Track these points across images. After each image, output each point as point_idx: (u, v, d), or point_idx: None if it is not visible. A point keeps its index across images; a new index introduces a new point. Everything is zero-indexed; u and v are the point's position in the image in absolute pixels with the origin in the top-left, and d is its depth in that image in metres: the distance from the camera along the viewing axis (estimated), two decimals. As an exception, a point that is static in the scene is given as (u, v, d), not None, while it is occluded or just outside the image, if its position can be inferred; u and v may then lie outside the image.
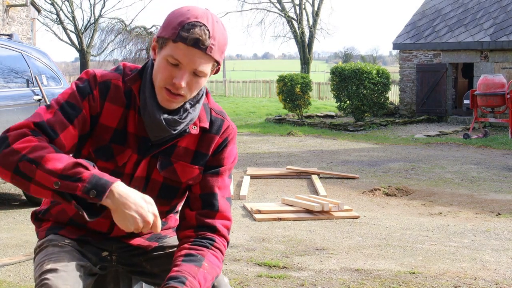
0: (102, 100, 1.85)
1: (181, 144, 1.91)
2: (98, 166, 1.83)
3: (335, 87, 17.70)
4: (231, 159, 1.98)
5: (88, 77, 1.87)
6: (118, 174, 1.88)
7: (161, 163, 1.90)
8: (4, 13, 15.57)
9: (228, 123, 1.97)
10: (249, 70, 79.52)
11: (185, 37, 1.73)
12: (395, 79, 21.81)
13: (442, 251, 4.79)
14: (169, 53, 1.76)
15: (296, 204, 6.27)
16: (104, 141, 1.86)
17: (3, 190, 7.18)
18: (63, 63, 68.62)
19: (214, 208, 1.93)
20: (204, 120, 1.93)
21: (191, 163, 1.92)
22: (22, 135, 1.71)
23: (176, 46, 1.75)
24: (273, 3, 32.00)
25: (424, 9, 19.98)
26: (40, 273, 1.79)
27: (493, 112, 14.17)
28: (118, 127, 1.87)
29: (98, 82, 1.85)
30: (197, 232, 1.90)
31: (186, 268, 1.78)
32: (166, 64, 1.77)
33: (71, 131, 1.80)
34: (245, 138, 14.18)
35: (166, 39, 1.77)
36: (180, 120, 1.85)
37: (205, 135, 1.93)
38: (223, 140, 1.95)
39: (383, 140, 14.01)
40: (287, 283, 3.94)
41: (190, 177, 1.93)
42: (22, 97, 6.07)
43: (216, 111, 1.98)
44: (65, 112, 1.80)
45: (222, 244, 1.93)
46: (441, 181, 8.39)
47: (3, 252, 4.61)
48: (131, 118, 1.87)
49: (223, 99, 29.32)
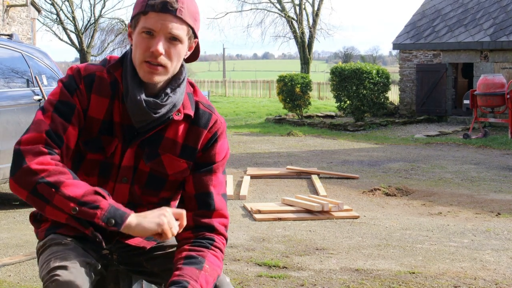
0: (88, 93, 1.87)
1: (168, 136, 1.91)
2: (88, 158, 1.89)
3: (335, 87, 17.69)
4: (222, 154, 1.96)
5: (72, 72, 1.90)
6: (107, 164, 1.91)
7: (148, 154, 1.91)
8: (4, 13, 15.58)
9: (216, 117, 1.96)
10: (249, 70, 79.53)
11: (152, 4, 1.79)
12: (395, 79, 21.81)
13: (442, 251, 4.79)
14: (142, 26, 1.81)
15: (296, 204, 6.27)
16: (93, 133, 1.89)
17: (3, 190, 7.18)
18: (63, 63, 68.54)
19: (210, 208, 1.92)
20: (188, 107, 1.93)
21: (179, 156, 1.92)
22: (38, 153, 1.76)
23: (147, 16, 1.80)
24: (273, 3, 31.98)
25: (424, 9, 19.98)
26: (49, 270, 1.79)
27: (493, 112, 14.16)
28: (105, 118, 1.89)
29: (83, 76, 1.88)
30: (195, 233, 1.90)
31: (188, 272, 1.79)
32: (141, 38, 1.81)
33: (72, 131, 1.84)
34: (245, 138, 14.19)
35: (137, 15, 1.82)
36: (161, 103, 1.85)
37: (193, 128, 1.93)
38: (212, 135, 1.94)
39: (383, 140, 14.02)
40: (287, 283, 3.94)
41: (177, 171, 1.93)
42: (22, 97, 6.07)
43: (204, 104, 1.97)
44: (61, 113, 1.83)
45: (221, 242, 1.92)
46: (441, 181, 8.40)
47: (3, 252, 4.62)
48: (116, 107, 1.89)
49: (223, 99, 29.32)
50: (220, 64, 77.73)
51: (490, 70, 16.80)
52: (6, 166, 5.62)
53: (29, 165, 1.74)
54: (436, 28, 18.70)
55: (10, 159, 1.69)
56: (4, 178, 5.74)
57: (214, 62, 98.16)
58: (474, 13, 18.42)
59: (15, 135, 5.55)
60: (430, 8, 19.89)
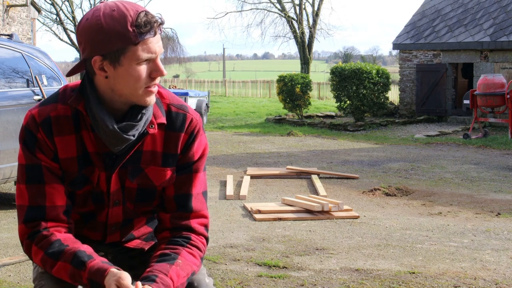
0: (50, 138, 1.80)
1: (147, 149, 1.86)
2: (78, 193, 1.86)
3: (335, 87, 17.69)
4: (200, 151, 1.91)
5: (27, 124, 1.81)
6: (97, 193, 1.88)
7: (131, 171, 1.87)
8: (4, 13, 15.57)
9: (191, 116, 1.90)
10: (249, 70, 79.56)
11: (146, 32, 1.70)
12: (395, 79, 21.81)
13: (442, 251, 4.79)
14: (140, 55, 1.71)
15: (296, 204, 6.27)
16: (74, 173, 1.83)
17: (3, 190, 7.18)
18: (63, 63, 68.62)
19: (187, 210, 1.89)
20: (159, 116, 1.86)
21: (161, 166, 1.88)
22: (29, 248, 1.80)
23: (143, 43, 1.70)
24: (273, 3, 31.99)
25: (424, 9, 19.98)
26: (37, 275, 1.86)
27: (493, 112, 14.17)
28: (78, 154, 1.83)
29: (39, 123, 1.79)
30: (173, 233, 1.88)
31: (157, 267, 1.77)
32: (140, 68, 1.72)
33: (50, 189, 1.80)
34: (245, 138, 14.19)
35: (123, 48, 1.69)
36: (135, 123, 1.78)
37: (170, 135, 1.87)
38: (189, 135, 1.89)
39: (383, 140, 14.02)
40: (287, 283, 3.94)
41: (164, 180, 1.89)
42: (23, 97, 6.07)
43: (176, 105, 1.90)
44: (32, 179, 1.79)
45: (200, 241, 1.89)
46: (441, 181, 8.40)
47: (4, 252, 4.62)
48: (87, 138, 1.82)
49: (223, 99, 29.32)
50: (220, 64, 77.79)
51: (490, 70, 16.81)
52: (6, 166, 5.62)
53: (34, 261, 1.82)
54: (436, 28, 18.70)
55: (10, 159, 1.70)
56: (4, 178, 5.74)
57: (214, 62, 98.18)
58: (474, 13, 18.42)
59: (15, 135, 5.54)
60: (430, 8, 19.89)
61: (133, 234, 2.02)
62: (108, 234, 1.97)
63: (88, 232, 1.97)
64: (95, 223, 1.94)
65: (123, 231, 1.99)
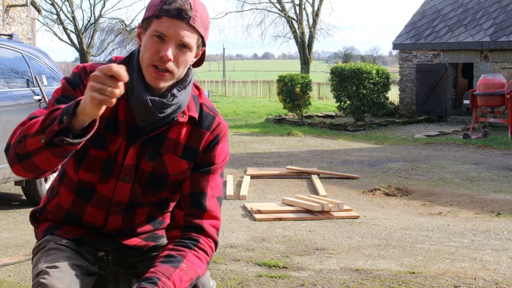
0: None
1: (171, 136, 1.91)
2: (91, 154, 1.89)
3: (335, 87, 17.69)
4: (222, 156, 1.97)
5: (77, 70, 1.91)
6: (110, 162, 1.90)
7: (150, 153, 1.91)
8: (4, 13, 15.58)
9: (219, 120, 1.97)
10: (249, 70, 79.51)
11: (167, 10, 1.78)
12: (395, 79, 21.80)
13: (442, 251, 4.79)
14: (154, 29, 1.79)
15: (296, 204, 6.27)
16: (97, 131, 1.85)
17: (3, 190, 7.18)
18: (63, 63, 68.56)
19: (201, 208, 1.91)
20: (193, 110, 1.93)
21: (180, 156, 1.92)
22: (15, 133, 1.78)
23: (160, 21, 1.79)
24: (273, 3, 31.98)
25: (424, 9, 19.98)
26: (37, 273, 1.83)
27: (493, 112, 14.16)
28: (110, 116, 1.89)
29: (88, 72, 1.88)
30: (183, 232, 1.89)
31: (161, 269, 1.78)
32: (152, 41, 1.80)
33: None
34: (245, 138, 14.19)
35: (150, 18, 1.81)
36: (167, 102, 1.85)
37: (196, 130, 1.93)
38: (214, 137, 1.95)
39: (383, 140, 14.02)
40: (287, 283, 3.94)
41: (178, 171, 1.93)
42: (23, 97, 6.07)
43: (208, 107, 1.98)
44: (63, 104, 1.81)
45: (208, 244, 1.90)
46: (441, 181, 8.40)
47: (4, 252, 4.62)
48: (121, 106, 1.89)
49: (223, 99, 29.31)
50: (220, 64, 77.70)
51: (490, 70, 16.80)
52: (6, 166, 5.62)
53: (9, 144, 1.78)
54: (436, 28, 18.70)
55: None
56: (4, 178, 5.74)
57: (214, 62, 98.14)
58: (474, 13, 18.42)
59: (15, 135, 5.54)
60: (430, 8, 19.89)
61: (133, 227, 2.02)
62: (110, 215, 1.96)
63: (91, 212, 1.96)
64: (100, 197, 1.94)
65: (125, 218, 1.98)
